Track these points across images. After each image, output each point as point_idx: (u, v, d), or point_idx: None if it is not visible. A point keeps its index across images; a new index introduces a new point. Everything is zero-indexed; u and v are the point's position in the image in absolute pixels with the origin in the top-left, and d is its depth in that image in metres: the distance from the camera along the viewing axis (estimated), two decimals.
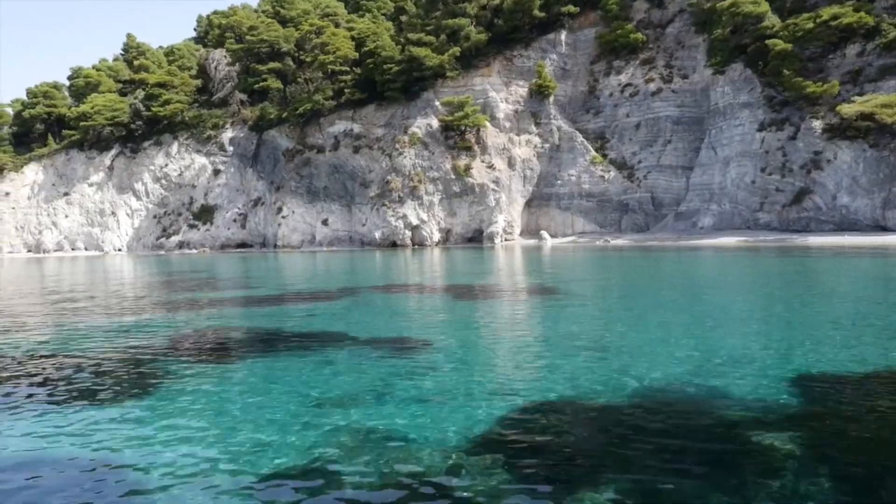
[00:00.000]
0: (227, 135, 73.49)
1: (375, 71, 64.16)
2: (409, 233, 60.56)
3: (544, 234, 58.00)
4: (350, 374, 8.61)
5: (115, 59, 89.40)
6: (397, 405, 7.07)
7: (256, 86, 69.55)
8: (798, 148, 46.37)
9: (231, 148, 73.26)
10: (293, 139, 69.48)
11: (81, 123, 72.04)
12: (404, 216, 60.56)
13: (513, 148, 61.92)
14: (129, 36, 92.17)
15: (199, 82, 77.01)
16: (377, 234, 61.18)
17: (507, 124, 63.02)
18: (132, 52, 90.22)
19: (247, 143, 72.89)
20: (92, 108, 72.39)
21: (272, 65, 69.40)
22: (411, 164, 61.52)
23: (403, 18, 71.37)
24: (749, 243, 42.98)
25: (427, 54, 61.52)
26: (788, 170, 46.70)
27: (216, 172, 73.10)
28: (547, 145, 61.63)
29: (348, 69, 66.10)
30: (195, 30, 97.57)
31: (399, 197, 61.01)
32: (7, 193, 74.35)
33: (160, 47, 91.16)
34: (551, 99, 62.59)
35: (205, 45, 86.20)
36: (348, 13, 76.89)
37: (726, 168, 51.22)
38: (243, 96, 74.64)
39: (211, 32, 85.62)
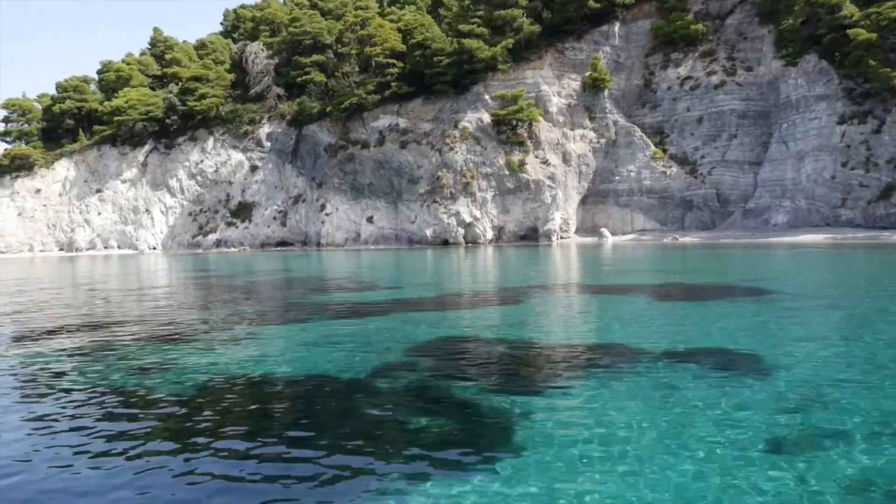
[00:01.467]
0: (265, 130, 71.46)
1: (423, 64, 62.12)
2: (461, 230, 58.60)
3: (605, 231, 56.06)
4: (778, 404, 6.66)
5: (143, 54, 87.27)
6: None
7: (299, 79, 67.49)
8: (884, 142, 44.50)
9: (268, 143, 71.24)
10: (335, 134, 67.46)
11: (115, 118, 69.95)
12: (457, 213, 58.60)
13: (567, 143, 59.96)
14: (155, 30, 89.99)
15: (232, 76, 74.92)
16: (428, 232, 59.21)
17: (561, 119, 61.05)
18: (160, 46, 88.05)
19: (285, 138, 70.87)
20: (126, 102, 70.32)
21: (315, 57, 67.33)
22: (463, 159, 59.57)
23: (442, 11, 69.41)
24: (836, 241, 41.04)
25: (479, 46, 59.52)
26: (873, 164, 44.80)
27: (253, 169, 71.09)
28: (603, 140, 59.66)
29: (395, 62, 63.92)
30: (222, 24, 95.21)
31: (451, 193, 59.06)
32: (38, 190, 72.28)
33: (184, 42, 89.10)
34: (606, 93, 60.63)
35: (234, 39, 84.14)
36: (388, 6, 74.76)
37: (801, 163, 49.31)
38: (280, 90, 72.62)
39: (243, 26, 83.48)
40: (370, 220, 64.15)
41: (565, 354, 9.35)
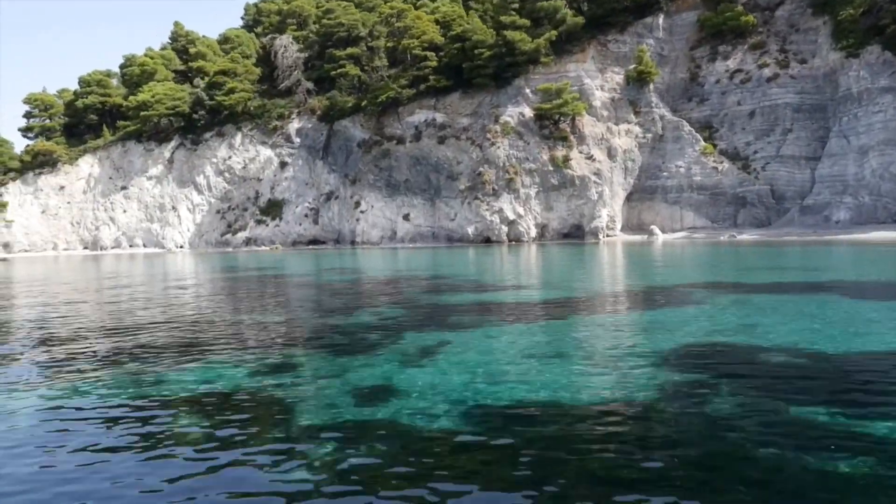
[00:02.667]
0: (294, 125, 69.73)
1: (462, 56, 60.38)
2: (505, 228, 56.86)
3: (654, 229, 54.29)
4: None
5: (164, 49, 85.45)
6: None
7: (333, 72, 65.64)
8: None
9: (298, 139, 69.51)
10: (369, 129, 65.70)
11: (142, 113, 68.18)
12: (500, 210, 56.84)
13: (612, 138, 58.21)
14: (176, 24, 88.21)
15: (259, 70, 73.15)
16: (469, 230, 57.47)
17: (605, 113, 59.32)
18: (181, 40, 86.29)
19: (315, 133, 69.12)
20: (152, 96, 68.52)
21: (351, 50, 65.55)
22: (505, 154, 57.82)
23: (474, 3, 67.68)
24: None
25: (522, 38, 57.78)
26: None
27: (283, 165, 69.33)
28: (649, 135, 57.92)
29: (433, 55, 62.16)
30: (242, 18, 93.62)
31: (493, 190, 57.32)
32: (61, 187, 70.50)
33: (204, 37, 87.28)
34: (651, 86, 58.92)
35: (256, 34, 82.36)
36: None
37: (864, 158, 47.57)
38: (310, 85, 70.89)
39: (266, 20, 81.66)
40: (406, 217, 62.38)
41: (856, 367, 7.64)
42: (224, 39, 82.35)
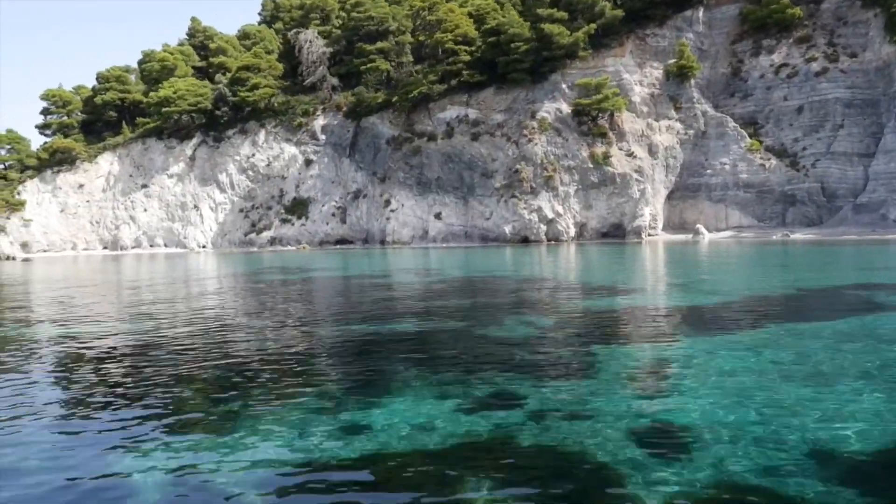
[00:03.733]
0: (319, 122, 67.91)
1: (497, 51, 58.62)
2: (543, 227, 55.08)
3: (700, 228, 52.50)
4: None
5: (181, 44, 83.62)
6: None
7: (363, 67, 63.83)
8: None
9: (323, 136, 67.69)
10: (398, 126, 63.91)
11: (163, 109, 66.29)
12: (539, 209, 55.06)
13: (652, 134, 56.48)
14: (193, 20, 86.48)
15: (282, 66, 71.30)
16: (507, 229, 55.65)
17: (645, 109, 57.60)
18: (198, 36, 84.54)
19: (342, 130, 67.31)
20: (174, 92, 66.66)
21: (381, 44, 63.74)
22: (543, 151, 56.06)
23: None
24: None
25: (560, 31, 56.04)
26: None
27: (308, 163, 67.51)
28: (691, 132, 56.20)
29: (466, 49, 60.37)
30: (260, 14, 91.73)
31: (531, 188, 55.54)
32: (81, 185, 68.65)
33: (221, 33, 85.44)
34: (692, 81, 57.19)
35: (275, 29, 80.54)
36: None
37: None
38: (335, 80, 69.10)
39: (289, 14, 79.78)
40: (438, 216, 60.57)
41: None
42: (243, 35, 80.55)
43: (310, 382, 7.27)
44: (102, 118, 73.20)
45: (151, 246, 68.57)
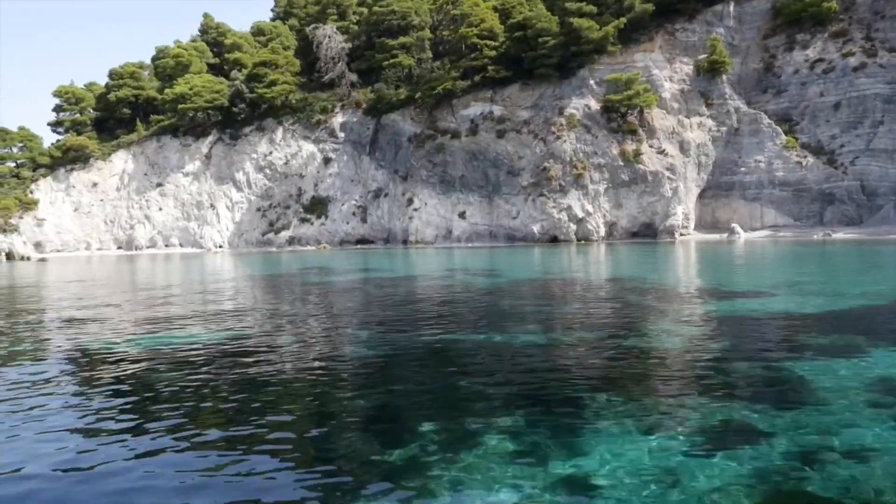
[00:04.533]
0: (338, 119, 66.54)
1: (524, 46, 57.24)
2: (573, 226, 53.70)
3: (736, 227, 51.08)
4: None
5: (193, 41, 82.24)
6: None
7: (385, 63, 62.41)
8: None
9: (342, 134, 66.32)
10: (420, 123, 62.53)
11: (180, 106, 64.87)
12: (568, 208, 53.68)
13: (684, 131, 55.11)
14: (206, 16, 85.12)
15: (298, 62, 69.91)
16: (535, 228, 54.29)
17: (675, 105, 56.22)
18: (211, 32, 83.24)
19: (361, 128, 65.94)
20: (190, 89, 65.25)
21: (403, 39, 62.32)
22: (572, 149, 54.69)
23: None
24: None
25: (589, 26, 54.68)
26: None
27: (327, 161, 66.15)
28: (723, 128, 54.81)
29: (491, 43, 59.00)
30: (273, 10, 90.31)
31: (560, 186, 54.17)
32: (94, 184, 67.24)
33: (237, 30, 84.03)
34: (724, 77, 55.83)
35: (288, 25, 79.14)
36: None
37: None
38: (354, 77, 67.72)
39: (304, 10, 78.35)
40: (462, 215, 59.20)
41: None
42: (258, 31, 79.22)
43: (475, 411, 5.89)
44: (115, 115, 71.81)
45: (167, 246, 67.17)
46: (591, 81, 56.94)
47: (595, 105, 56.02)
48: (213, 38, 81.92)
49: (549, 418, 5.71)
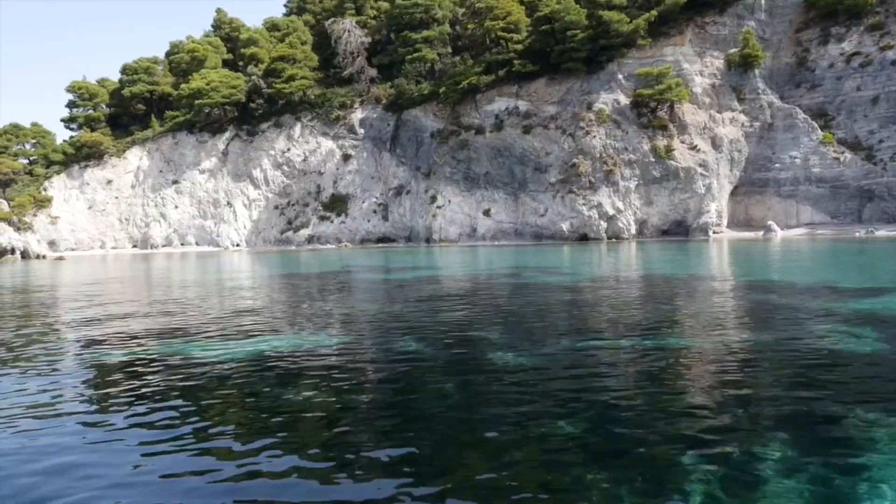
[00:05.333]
0: (357, 115, 65.23)
1: (550, 39, 55.96)
2: (604, 224, 52.40)
3: (773, 225, 49.75)
4: None
5: (206, 36, 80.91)
6: None
7: (409, 57, 61.07)
8: None
9: (362, 130, 65.01)
10: (442, 119, 61.23)
11: (197, 102, 63.55)
12: (599, 205, 52.39)
13: (716, 127, 53.82)
14: (219, 11, 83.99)
15: (316, 57, 68.59)
16: (564, 226, 52.98)
17: (706, 100, 54.92)
18: (224, 27, 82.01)
19: (381, 124, 64.62)
20: (207, 84, 63.91)
21: (427, 33, 60.99)
22: (601, 144, 53.40)
23: None
24: None
25: (620, 19, 53.37)
26: None
27: (346, 158, 64.84)
28: (757, 124, 53.51)
29: (518, 37, 57.68)
30: (286, 5, 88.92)
31: (590, 183, 52.87)
32: (109, 181, 65.93)
33: (251, 26, 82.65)
34: (756, 71, 54.54)
35: (303, 21, 77.77)
36: None
37: None
38: (373, 72, 66.40)
39: (320, 4, 76.97)
40: (487, 213, 57.89)
41: None
42: (272, 26, 77.83)
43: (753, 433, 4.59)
44: (129, 111, 70.48)
45: (182, 244, 65.88)
46: (620, 76, 55.65)
47: (624, 100, 54.75)
48: (227, 33, 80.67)
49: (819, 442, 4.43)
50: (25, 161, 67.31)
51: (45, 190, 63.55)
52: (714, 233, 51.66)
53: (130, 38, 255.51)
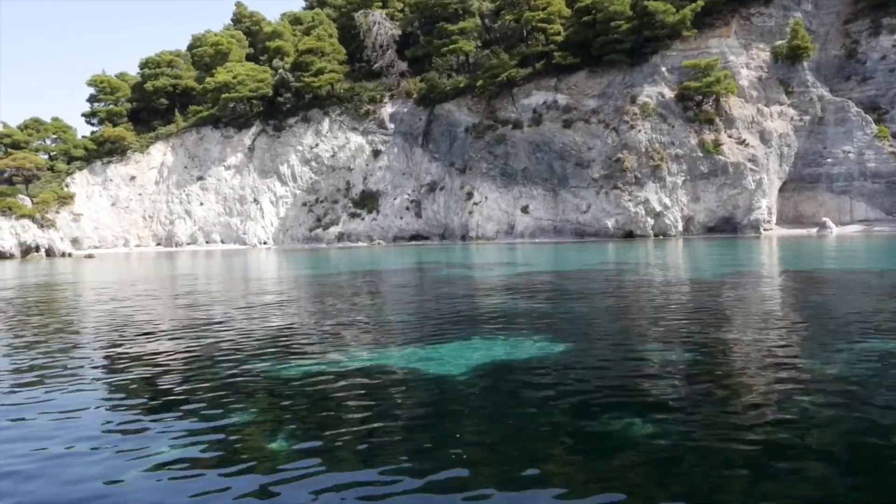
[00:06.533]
0: (387, 110, 63.55)
1: (591, 30, 54.30)
2: (651, 221, 50.78)
3: (828, 221, 48.17)
4: None
5: (227, 29, 79.15)
6: None
7: (444, 49, 59.38)
8: None
9: (392, 125, 63.33)
10: (477, 113, 59.56)
11: (223, 95, 61.76)
12: (646, 201, 50.77)
13: (764, 121, 52.20)
14: (238, 5, 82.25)
15: (344, 50, 66.87)
16: (609, 223, 51.36)
17: (754, 93, 53.33)
18: (245, 21, 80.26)
19: (412, 118, 62.94)
20: (233, 77, 62.14)
21: (463, 24, 59.29)
22: (647, 139, 51.77)
23: None
24: None
25: (666, 9, 51.73)
26: None
27: (376, 153, 63.14)
28: (807, 118, 51.91)
29: (555, 29, 56.05)
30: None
31: (636, 178, 51.24)
32: (132, 177, 64.17)
33: (272, 20, 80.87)
34: (805, 64, 52.94)
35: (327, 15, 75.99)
36: None
37: None
38: (404, 65, 64.71)
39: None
40: (525, 209, 56.24)
41: None
42: (294, 20, 76.08)
43: None
44: (151, 106, 68.67)
45: (207, 242, 64.14)
46: (663, 68, 54.03)
47: (668, 93, 53.14)
48: (247, 27, 78.95)
49: None
50: (45, 156, 65.43)
51: (67, 186, 61.79)
52: (764, 230, 50.09)
53: (145, 33, 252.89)
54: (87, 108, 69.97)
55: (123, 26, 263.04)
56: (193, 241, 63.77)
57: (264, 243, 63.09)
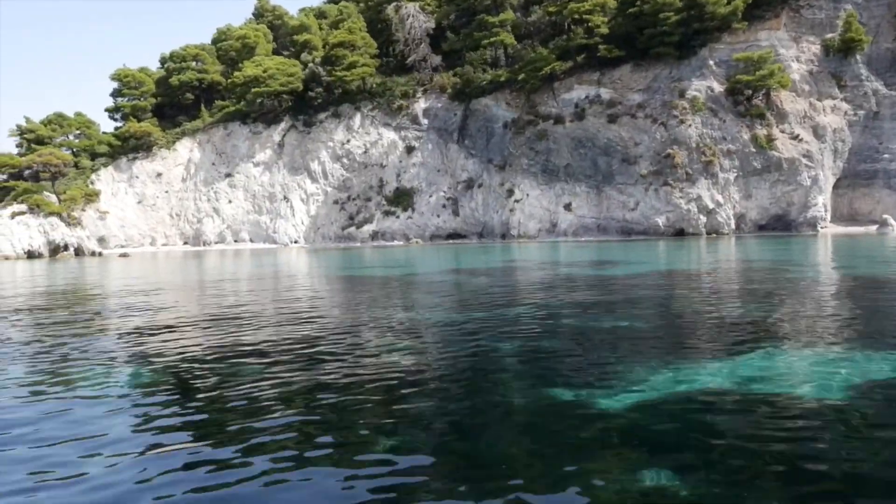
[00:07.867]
0: (421, 105, 61.89)
1: (637, 23, 52.74)
2: (703, 218, 49.26)
3: (889, 219, 46.71)
4: None
5: (249, 23, 77.34)
6: None
7: (485, 42, 57.75)
8: None
9: (426, 120, 61.67)
10: (516, 108, 57.96)
11: (253, 90, 59.99)
12: (698, 198, 49.23)
13: (816, 115, 50.74)
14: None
15: (375, 44, 65.16)
16: (660, 221, 49.81)
17: (805, 87, 51.84)
18: (267, 15, 78.48)
19: (447, 114, 61.30)
20: (263, 71, 60.38)
21: (504, 16, 57.65)
22: (698, 134, 50.23)
23: None
24: None
25: (717, 0, 50.20)
26: None
27: (409, 150, 61.47)
28: (861, 112, 50.50)
29: (600, 20, 54.49)
30: None
31: (686, 174, 49.71)
32: (158, 174, 62.37)
33: (296, 14, 79.07)
34: (858, 57, 51.51)
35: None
36: None
37: None
38: (437, 59, 63.06)
39: None
40: (568, 207, 54.66)
41: None
42: (319, 14, 74.37)
43: None
44: (176, 101, 66.88)
45: (236, 241, 62.39)
46: (711, 61, 52.52)
47: (717, 87, 51.62)
48: (270, 21, 77.18)
49: None
50: (69, 152, 63.54)
51: (92, 183, 59.97)
52: (821, 227, 48.62)
53: (162, 29, 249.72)
54: (102, 106, 68.04)
55: (140, 22, 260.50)
56: (221, 239, 62.01)
57: (295, 242, 61.38)
